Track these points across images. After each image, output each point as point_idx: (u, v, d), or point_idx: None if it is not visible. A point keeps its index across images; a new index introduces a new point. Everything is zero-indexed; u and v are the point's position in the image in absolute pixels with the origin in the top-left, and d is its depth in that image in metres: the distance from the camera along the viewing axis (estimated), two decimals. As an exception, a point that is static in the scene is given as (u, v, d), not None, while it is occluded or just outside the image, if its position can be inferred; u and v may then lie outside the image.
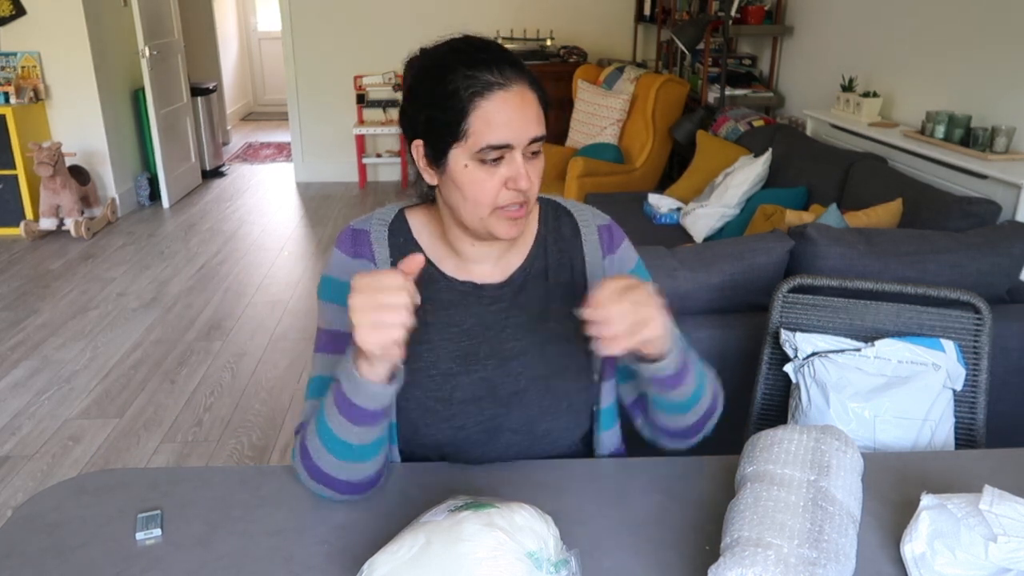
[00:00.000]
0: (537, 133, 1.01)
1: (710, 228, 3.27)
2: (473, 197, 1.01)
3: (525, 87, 1.01)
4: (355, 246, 1.12)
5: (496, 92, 0.98)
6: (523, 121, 0.99)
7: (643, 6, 5.74)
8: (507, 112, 0.98)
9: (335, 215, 5.34)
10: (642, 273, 1.20)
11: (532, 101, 1.01)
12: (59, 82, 4.85)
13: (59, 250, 4.54)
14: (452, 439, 1.11)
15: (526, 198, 1.02)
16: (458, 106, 0.98)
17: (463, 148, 1.00)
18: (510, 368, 1.11)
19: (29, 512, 1.02)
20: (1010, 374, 1.84)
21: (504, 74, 0.99)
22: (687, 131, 4.16)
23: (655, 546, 0.96)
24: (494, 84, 0.98)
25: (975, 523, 0.90)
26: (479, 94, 0.98)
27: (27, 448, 2.59)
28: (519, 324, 1.12)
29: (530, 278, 1.14)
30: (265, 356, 3.26)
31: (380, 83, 5.91)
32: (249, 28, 9.43)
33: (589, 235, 1.17)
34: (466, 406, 1.10)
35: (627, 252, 1.20)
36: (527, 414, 1.11)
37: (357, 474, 1.01)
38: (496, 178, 1.00)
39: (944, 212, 2.28)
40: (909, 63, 3.18)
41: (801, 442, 1.01)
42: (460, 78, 0.98)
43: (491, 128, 0.98)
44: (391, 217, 1.15)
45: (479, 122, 0.98)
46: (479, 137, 0.98)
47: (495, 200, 1.01)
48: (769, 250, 1.91)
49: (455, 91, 0.98)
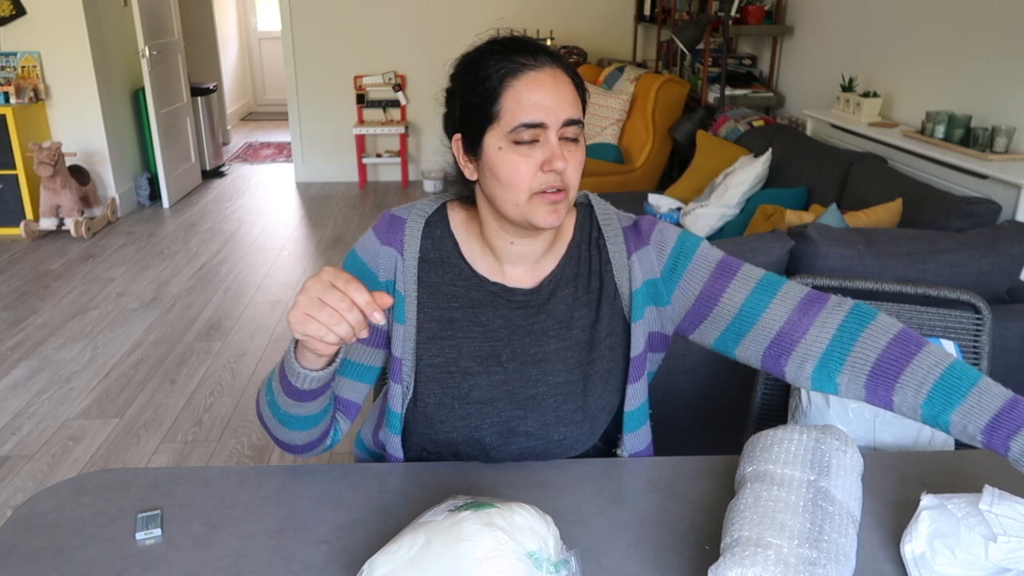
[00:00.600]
0: (572, 115, 1.00)
1: (710, 228, 3.27)
2: (509, 181, 1.00)
3: (559, 70, 1.01)
4: (388, 232, 1.12)
5: (527, 72, 0.99)
6: (556, 100, 0.99)
7: (643, 6, 5.74)
8: (539, 91, 0.98)
9: (335, 215, 5.34)
10: (688, 244, 1.11)
11: (566, 83, 1.01)
12: (59, 82, 4.85)
13: (59, 250, 4.54)
14: (467, 438, 1.11)
15: (564, 183, 1.01)
16: (490, 88, 0.99)
17: (497, 130, 1.00)
18: (530, 373, 1.11)
19: (29, 512, 1.02)
20: (1010, 374, 1.84)
21: (537, 57, 1.00)
22: (687, 131, 4.16)
23: (655, 546, 0.96)
24: (525, 65, 0.99)
25: (975, 523, 0.90)
26: (510, 74, 0.99)
27: (27, 448, 2.59)
28: (544, 330, 1.11)
29: (560, 285, 1.13)
30: (265, 356, 3.26)
31: (380, 83, 5.91)
32: (249, 28, 9.43)
33: (614, 238, 1.13)
34: (483, 407, 1.10)
35: (661, 235, 1.12)
36: (543, 419, 1.11)
37: (300, 439, 1.08)
38: (531, 160, 0.99)
39: (944, 212, 2.28)
40: (909, 63, 3.18)
41: (801, 442, 1.01)
42: (492, 63, 1.00)
43: (523, 107, 0.98)
44: (432, 209, 1.14)
45: (511, 101, 0.99)
46: (512, 116, 0.98)
47: (531, 184, 1.00)
48: (769, 250, 1.91)
49: (487, 75, 1.00)
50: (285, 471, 1.11)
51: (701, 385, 1.87)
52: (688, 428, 1.91)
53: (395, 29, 5.84)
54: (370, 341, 1.13)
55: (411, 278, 1.10)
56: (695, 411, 1.88)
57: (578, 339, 1.12)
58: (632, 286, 1.11)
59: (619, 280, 1.12)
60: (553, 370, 1.11)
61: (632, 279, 1.11)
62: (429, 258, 1.12)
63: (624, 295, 1.12)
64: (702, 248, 1.12)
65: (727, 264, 1.10)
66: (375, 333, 1.13)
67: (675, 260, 1.11)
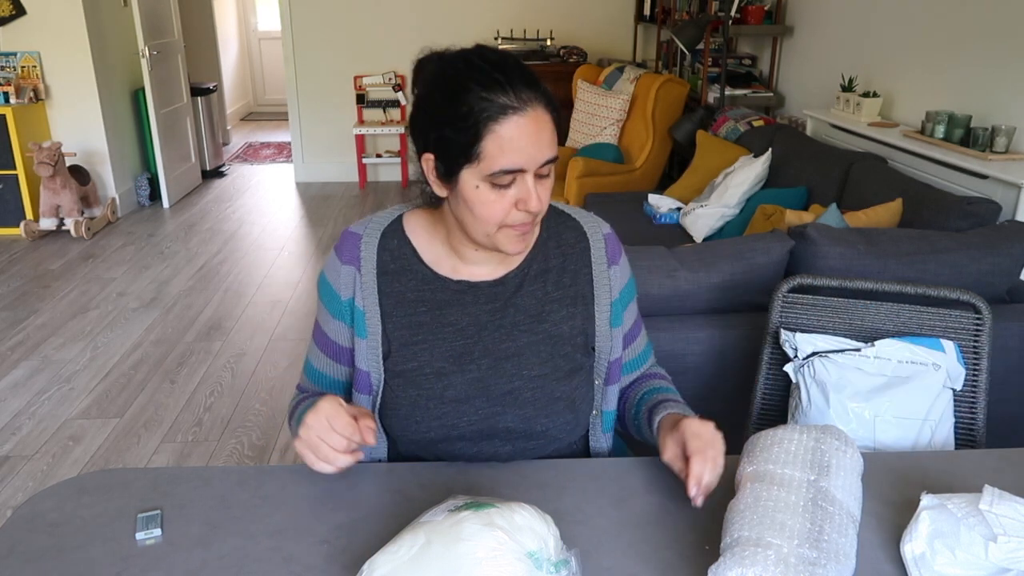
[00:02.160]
0: (550, 156, 1.01)
1: (710, 228, 3.27)
2: (482, 215, 1.02)
3: (540, 109, 1.00)
4: (346, 250, 1.14)
5: (511, 117, 0.97)
6: (537, 146, 0.99)
7: (643, 6, 5.74)
8: (522, 138, 0.98)
9: (335, 215, 5.34)
10: (632, 289, 1.24)
11: (547, 123, 1.01)
12: (59, 82, 4.85)
13: (59, 250, 4.54)
14: (444, 437, 1.11)
15: (535, 218, 1.04)
16: (472, 129, 0.98)
17: (475, 170, 1.00)
18: (504, 368, 1.11)
19: (29, 512, 1.02)
20: (1010, 374, 1.84)
21: (520, 96, 0.98)
22: (687, 131, 4.16)
23: (655, 546, 0.96)
24: (508, 108, 0.97)
25: (975, 523, 0.90)
26: (493, 119, 0.97)
27: (27, 448, 2.59)
28: (514, 324, 1.13)
29: (528, 279, 1.14)
30: (265, 356, 3.26)
31: (380, 83, 5.91)
32: (249, 28, 9.43)
33: (596, 243, 1.18)
34: (458, 405, 1.10)
35: (625, 267, 1.23)
36: (523, 413, 1.11)
37: None
38: (506, 199, 1.01)
39: (944, 212, 2.28)
40: (909, 63, 3.18)
41: (801, 442, 1.01)
42: (475, 99, 0.97)
43: (504, 153, 0.98)
44: (388, 221, 1.16)
45: (492, 146, 0.98)
46: (492, 161, 0.98)
47: (504, 220, 1.02)
48: (769, 250, 1.91)
49: (469, 113, 0.97)
50: (285, 471, 1.11)
51: (701, 385, 1.87)
52: (688, 428, 1.91)
53: (395, 29, 5.84)
54: (337, 359, 1.19)
55: (370, 292, 1.12)
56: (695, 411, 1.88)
57: (550, 332, 1.13)
58: (612, 295, 1.18)
59: (598, 285, 1.17)
60: (527, 363, 1.12)
61: (612, 288, 1.18)
62: (389, 269, 1.13)
63: (602, 300, 1.17)
64: (631, 306, 1.23)
65: (631, 332, 1.24)
66: (340, 352, 1.18)
67: (621, 297, 1.20)
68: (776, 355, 1.62)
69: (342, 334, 1.16)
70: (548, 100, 1.02)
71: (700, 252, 1.95)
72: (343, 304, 1.14)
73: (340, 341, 1.16)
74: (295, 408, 1.18)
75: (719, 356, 1.86)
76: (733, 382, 1.85)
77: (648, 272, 1.87)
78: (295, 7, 5.79)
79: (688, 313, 1.91)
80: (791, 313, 1.61)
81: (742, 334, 1.85)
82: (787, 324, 1.61)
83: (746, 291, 1.91)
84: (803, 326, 1.60)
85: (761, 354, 1.64)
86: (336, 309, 1.15)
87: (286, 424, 2.72)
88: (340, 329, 1.16)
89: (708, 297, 1.91)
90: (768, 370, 1.64)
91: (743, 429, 1.64)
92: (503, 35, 5.81)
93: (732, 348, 1.85)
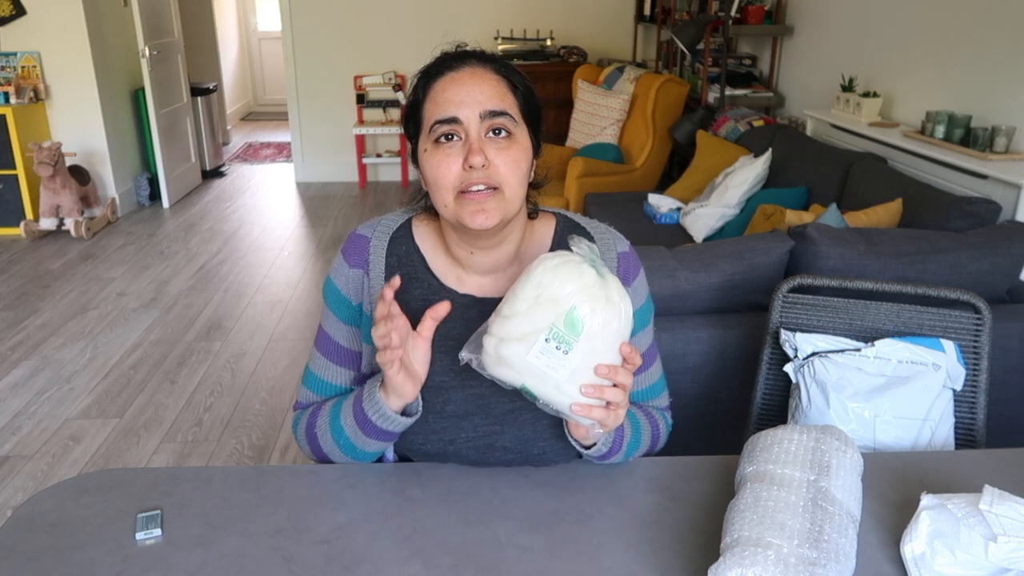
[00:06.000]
0: (492, 107, 0.99)
1: (710, 228, 3.27)
2: (433, 180, 1.01)
3: (479, 67, 1.02)
4: (354, 254, 1.13)
5: (445, 74, 1.02)
6: (472, 95, 0.99)
7: (643, 6, 5.74)
8: (453, 88, 1.01)
9: (335, 215, 5.34)
10: (645, 316, 1.17)
11: (488, 78, 1.02)
12: (59, 82, 4.85)
13: (59, 250, 4.54)
14: (441, 452, 1.10)
15: (490, 180, 0.98)
16: (416, 97, 1.04)
17: (423, 135, 1.03)
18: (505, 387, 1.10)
19: (29, 512, 1.02)
20: (1010, 374, 1.84)
21: (463, 61, 1.02)
22: (687, 131, 4.16)
23: (655, 546, 0.96)
24: (445, 68, 1.02)
25: (975, 523, 0.90)
26: (431, 79, 1.02)
27: (27, 448, 2.59)
28: None
29: None
30: (265, 356, 3.26)
31: (380, 83, 5.91)
32: (249, 28, 9.44)
33: (608, 261, 1.13)
34: (457, 421, 1.08)
35: (640, 287, 1.17)
36: (520, 435, 1.09)
37: (356, 461, 1.13)
38: (452, 158, 0.99)
39: (944, 212, 2.28)
40: (909, 63, 3.18)
41: (801, 442, 1.01)
42: (422, 75, 1.05)
43: (437, 105, 1.01)
44: (397, 224, 1.14)
45: (429, 103, 1.02)
46: (429, 117, 1.01)
47: (454, 183, 0.99)
48: (769, 250, 1.91)
49: (416, 87, 1.04)
50: (285, 471, 1.11)
51: (701, 385, 1.87)
52: (688, 428, 1.91)
53: (395, 29, 5.84)
54: (346, 364, 1.17)
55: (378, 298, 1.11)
56: (695, 411, 1.88)
57: None
58: None
59: None
60: None
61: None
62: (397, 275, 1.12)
63: None
64: (646, 331, 1.18)
65: (647, 357, 1.17)
66: (352, 358, 1.16)
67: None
68: (776, 355, 1.62)
69: (355, 339, 1.14)
70: (501, 66, 1.04)
71: (700, 252, 1.95)
72: (354, 309, 1.13)
73: (352, 347, 1.15)
74: (319, 416, 1.13)
75: (719, 356, 1.86)
76: (733, 382, 1.85)
77: (648, 272, 1.86)
78: (295, 7, 5.79)
79: (688, 313, 1.91)
80: (791, 313, 1.61)
81: (742, 334, 1.85)
82: (787, 324, 1.61)
83: (746, 291, 1.91)
84: (803, 326, 1.60)
85: (761, 354, 1.64)
86: (347, 315, 1.13)
87: (286, 424, 2.72)
88: (352, 335, 1.14)
89: (708, 297, 1.91)
90: (768, 370, 1.64)
91: (743, 429, 1.64)
92: (503, 35, 5.81)
93: (732, 348, 1.85)
